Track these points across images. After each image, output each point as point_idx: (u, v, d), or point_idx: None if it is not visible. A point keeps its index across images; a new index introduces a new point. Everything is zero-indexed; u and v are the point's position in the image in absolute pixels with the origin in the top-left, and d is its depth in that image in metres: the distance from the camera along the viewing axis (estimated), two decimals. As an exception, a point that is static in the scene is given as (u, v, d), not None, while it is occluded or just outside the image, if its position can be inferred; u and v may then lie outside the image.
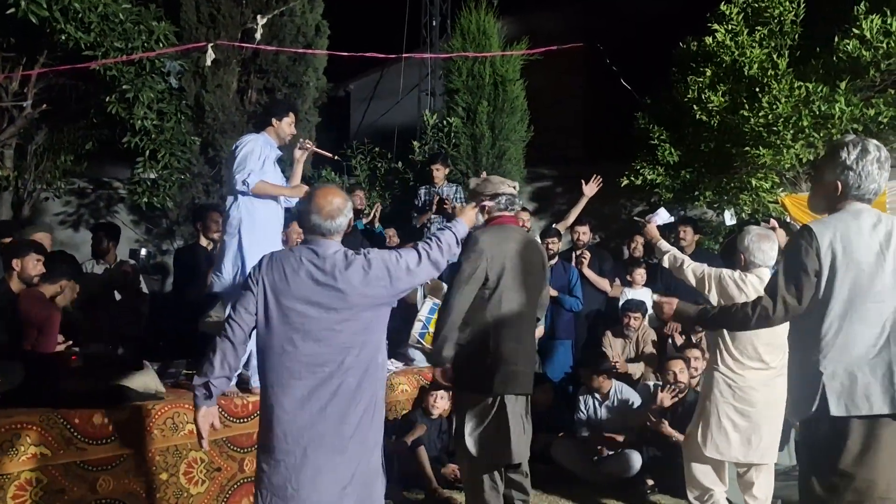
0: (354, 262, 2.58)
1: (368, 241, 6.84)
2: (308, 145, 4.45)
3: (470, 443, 3.56)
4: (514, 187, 3.81)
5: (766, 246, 3.85)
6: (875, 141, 2.58)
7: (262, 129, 4.36)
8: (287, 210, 4.41)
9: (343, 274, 2.55)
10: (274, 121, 4.33)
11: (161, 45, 6.64)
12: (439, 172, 6.86)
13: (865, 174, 2.52)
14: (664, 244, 4.14)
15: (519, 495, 3.75)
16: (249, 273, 2.67)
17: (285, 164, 4.58)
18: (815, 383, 2.48)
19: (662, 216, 4.35)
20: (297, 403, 2.53)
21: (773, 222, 4.93)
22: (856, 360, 2.45)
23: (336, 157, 4.41)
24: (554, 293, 5.96)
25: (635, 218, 6.35)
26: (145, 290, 6.26)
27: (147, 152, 6.88)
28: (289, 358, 2.55)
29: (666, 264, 4.22)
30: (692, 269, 4.07)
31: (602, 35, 9.08)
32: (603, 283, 6.53)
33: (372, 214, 7.16)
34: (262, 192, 4.14)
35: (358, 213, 6.87)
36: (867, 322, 2.47)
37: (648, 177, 7.38)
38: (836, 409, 2.42)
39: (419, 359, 5.47)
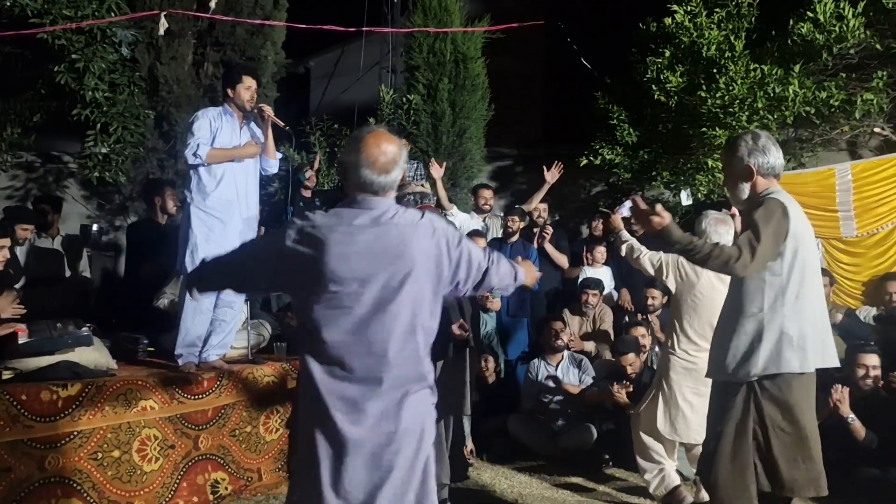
0: (423, 222, 2.18)
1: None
2: (266, 111, 4.31)
3: None
4: (423, 185, 4.19)
5: (722, 230, 3.93)
6: (765, 132, 2.97)
7: (221, 103, 4.29)
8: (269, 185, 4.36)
9: (408, 240, 2.12)
10: (229, 91, 4.24)
11: (112, 13, 6.41)
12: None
13: (768, 151, 2.87)
14: (624, 234, 4.23)
15: None
16: (287, 226, 2.20)
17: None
18: (778, 343, 2.76)
19: (628, 207, 4.42)
20: (373, 401, 2.09)
21: (734, 210, 5.05)
22: (808, 323, 2.78)
23: (287, 127, 4.30)
24: None
25: (603, 210, 6.45)
26: (87, 272, 6.10)
27: (98, 125, 6.65)
28: (337, 345, 2.10)
29: (623, 254, 4.30)
30: (649, 259, 4.15)
31: (564, 14, 9.08)
32: (562, 259, 6.61)
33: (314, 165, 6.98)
34: (216, 160, 4.08)
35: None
36: (814, 288, 2.83)
37: (607, 157, 7.45)
38: (799, 366, 2.75)
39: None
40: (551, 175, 6.76)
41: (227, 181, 4.14)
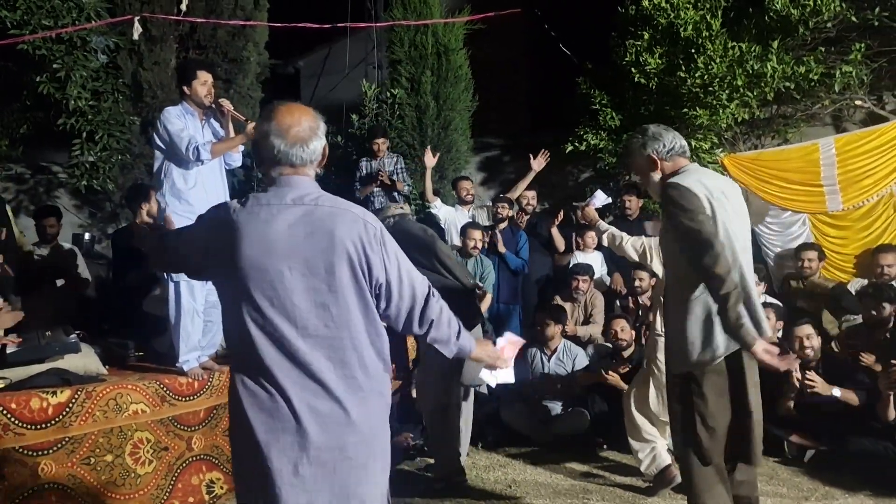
0: (344, 207, 1.95)
1: None
2: (224, 105, 4.21)
3: None
4: (402, 207, 4.33)
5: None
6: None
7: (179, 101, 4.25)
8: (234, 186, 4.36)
9: (332, 219, 1.89)
10: (185, 88, 4.16)
11: (93, 21, 6.45)
12: (382, 147, 6.87)
13: (659, 136, 2.90)
14: (602, 224, 4.27)
15: None
16: (194, 226, 2.08)
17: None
18: (710, 329, 2.73)
19: (600, 198, 4.47)
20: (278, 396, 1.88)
21: None
22: (745, 302, 2.67)
23: (247, 120, 4.24)
24: (502, 249, 6.13)
25: (574, 205, 6.49)
26: (86, 274, 6.15)
27: (84, 134, 6.71)
28: (256, 337, 1.88)
29: (605, 243, 4.34)
30: (632, 244, 4.18)
31: (542, 1, 9.08)
32: (560, 242, 6.67)
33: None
34: (220, 153, 4.08)
35: None
36: (746, 266, 2.78)
37: (592, 142, 7.47)
38: (727, 349, 2.72)
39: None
40: (538, 163, 6.82)
41: (200, 182, 4.13)
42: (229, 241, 1.89)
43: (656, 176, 2.94)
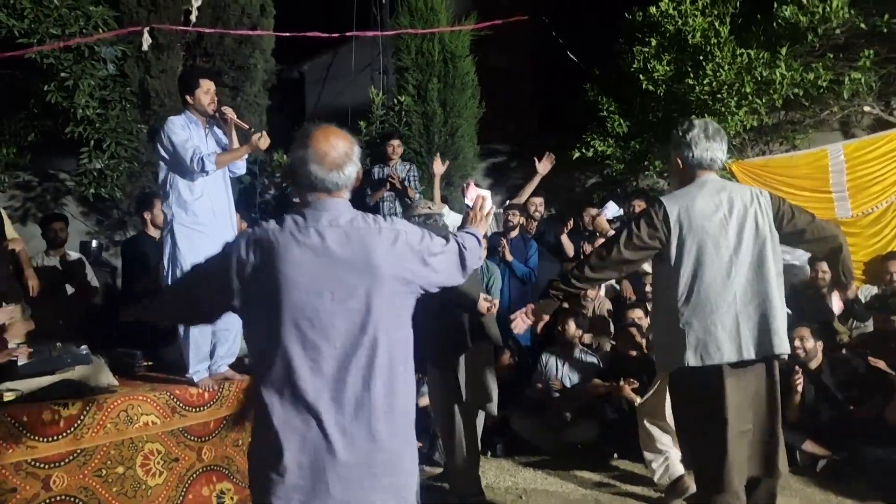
0: (377, 226, 1.98)
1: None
2: (228, 114, 4.15)
3: None
4: (430, 206, 4.20)
5: None
6: (706, 119, 3.03)
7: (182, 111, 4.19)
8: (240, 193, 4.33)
9: (364, 242, 1.93)
10: (188, 98, 4.09)
11: (100, 30, 6.47)
12: (397, 149, 6.85)
13: (694, 143, 2.90)
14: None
15: None
16: (224, 252, 2.01)
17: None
18: (677, 339, 2.81)
19: (612, 209, 4.49)
20: (328, 424, 1.88)
21: None
22: (709, 316, 2.78)
23: (252, 129, 4.21)
24: (509, 258, 6.10)
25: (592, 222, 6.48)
26: (95, 282, 6.16)
27: (92, 142, 6.71)
28: (301, 366, 1.89)
29: None
30: None
31: (549, 6, 9.08)
32: (570, 249, 6.67)
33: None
34: (225, 163, 4.04)
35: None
36: (716, 283, 2.80)
37: (599, 148, 7.46)
38: (692, 361, 2.78)
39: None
40: (543, 166, 6.79)
41: (205, 192, 4.07)
42: (269, 262, 1.90)
43: (674, 177, 3.08)
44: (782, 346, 2.85)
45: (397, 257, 1.97)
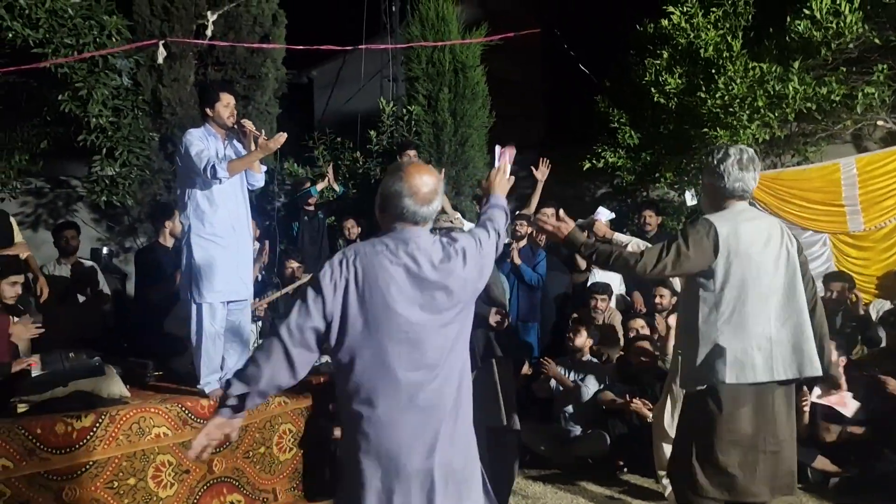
0: (451, 249, 2.20)
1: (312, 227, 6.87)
2: (246, 126, 4.18)
3: None
4: (451, 221, 4.20)
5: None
6: (741, 146, 3.02)
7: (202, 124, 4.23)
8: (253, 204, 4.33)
9: (445, 266, 2.16)
10: (208, 111, 4.15)
11: (114, 39, 6.49)
12: (413, 160, 6.84)
13: (726, 175, 2.95)
14: (620, 236, 4.25)
15: None
16: (324, 270, 2.16)
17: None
18: (713, 356, 2.87)
19: (604, 213, 4.47)
20: (409, 428, 2.10)
21: None
22: (747, 337, 2.87)
23: (264, 137, 4.23)
24: (518, 261, 6.08)
25: (578, 223, 6.40)
26: (107, 290, 6.18)
27: (104, 149, 6.74)
28: (392, 375, 2.10)
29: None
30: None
31: (561, 17, 9.09)
32: (582, 261, 6.65)
33: (327, 178, 7.03)
34: (236, 170, 4.03)
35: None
36: (755, 306, 2.89)
37: (609, 160, 7.45)
38: (729, 377, 2.85)
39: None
40: (540, 173, 6.78)
41: (223, 204, 4.10)
42: (367, 280, 2.11)
43: (706, 200, 3.16)
44: (812, 369, 2.95)
45: (469, 276, 2.20)
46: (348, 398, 2.14)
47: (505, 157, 2.89)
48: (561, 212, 3.02)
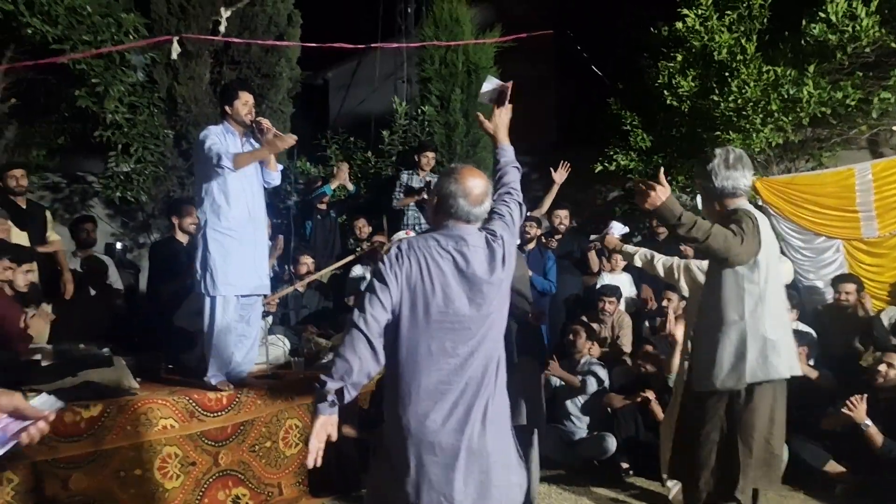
0: (496, 246, 2.37)
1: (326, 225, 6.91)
2: (264, 124, 4.24)
3: None
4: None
5: None
6: (730, 147, 3.02)
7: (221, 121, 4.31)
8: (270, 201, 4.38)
9: (492, 264, 2.34)
10: (227, 108, 4.24)
11: (131, 36, 6.56)
12: (430, 161, 6.89)
13: (714, 175, 2.98)
14: (629, 248, 4.28)
15: None
16: (384, 263, 2.32)
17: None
18: (767, 351, 2.85)
19: (617, 228, 4.49)
20: (446, 408, 2.25)
21: None
22: (784, 330, 2.91)
23: (279, 134, 4.27)
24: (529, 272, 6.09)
25: (591, 241, 6.35)
26: (119, 285, 6.24)
27: (119, 146, 6.82)
28: (436, 360, 2.26)
29: (639, 264, 4.34)
30: (662, 263, 4.19)
31: (574, 19, 9.07)
32: (595, 264, 6.64)
33: (340, 174, 7.10)
34: (243, 163, 4.07)
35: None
36: (773, 303, 2.90)
37: (622, 162, 7.43)
38: (783, 372, 2.87)
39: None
40: (559, 175, 6.82)
41: (239, 200, 4.16)
42: (421, 271, 2.28)
43: (709, 207, 3.13)
44: (797, 368, 2.99)
45: (508, 266, 2.37)
46: (395, 380, 2.30)
47: (506, 95, 2.85)
48: (661, 174, 2.88)
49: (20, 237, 5.20)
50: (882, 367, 4.57)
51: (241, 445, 4.18)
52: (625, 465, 5.03)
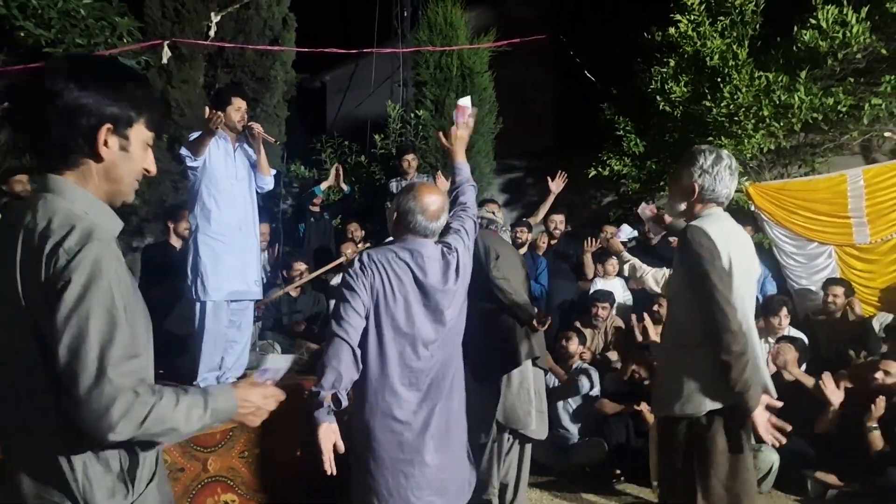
0: (450, 258, 2.56)
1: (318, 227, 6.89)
2: (255, 129, 4.26)
3: None
4: (493, 213, 4.24)
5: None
6: (727, 151, 2.75)
7: None
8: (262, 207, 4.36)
9: (447, 275, 2.52)
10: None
11: (125, 40, 6.56)
12: (412, 163, 6.86)
13: (719, 179, 2.67)
14: (626, 255, 4.25)
15: None
16: (351, 274, 2.48)
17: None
18: (704, 381, 2.55)
19: (626, 231, 4.49)
20: (411, 411, 2.48)
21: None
22: (756, 347, 2.65)
23: (277, 142, 4.28)
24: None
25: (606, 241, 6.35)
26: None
27: (113, 150, 6.80)
28: (399, 365, 2.47)
29: (626, 274, 4.30)
30: (652, 276, 4.11)
31: (569, 23, 9.08)
32: (591, 269, 6.65)
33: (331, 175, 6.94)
34: (195, 146, 3.99)
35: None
36: (750, 317, 2.67)
37: (615, 167, 7.44)
38: (712, 406, 2.58)
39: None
40: (556, 185, 6.79)
41: (230, 204, 4.15)
42: (383, 281, 2.45)
43: (683, 204, 2.77)
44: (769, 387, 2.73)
45: (463, 276, 2.57)
46: (361, 384, 2.47)
47: (466, 114, 2.85)
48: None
49: None
50: (878, 375, 4.57)
51: (230, 451, 4.16)
52: (616, 472, 5.04)
